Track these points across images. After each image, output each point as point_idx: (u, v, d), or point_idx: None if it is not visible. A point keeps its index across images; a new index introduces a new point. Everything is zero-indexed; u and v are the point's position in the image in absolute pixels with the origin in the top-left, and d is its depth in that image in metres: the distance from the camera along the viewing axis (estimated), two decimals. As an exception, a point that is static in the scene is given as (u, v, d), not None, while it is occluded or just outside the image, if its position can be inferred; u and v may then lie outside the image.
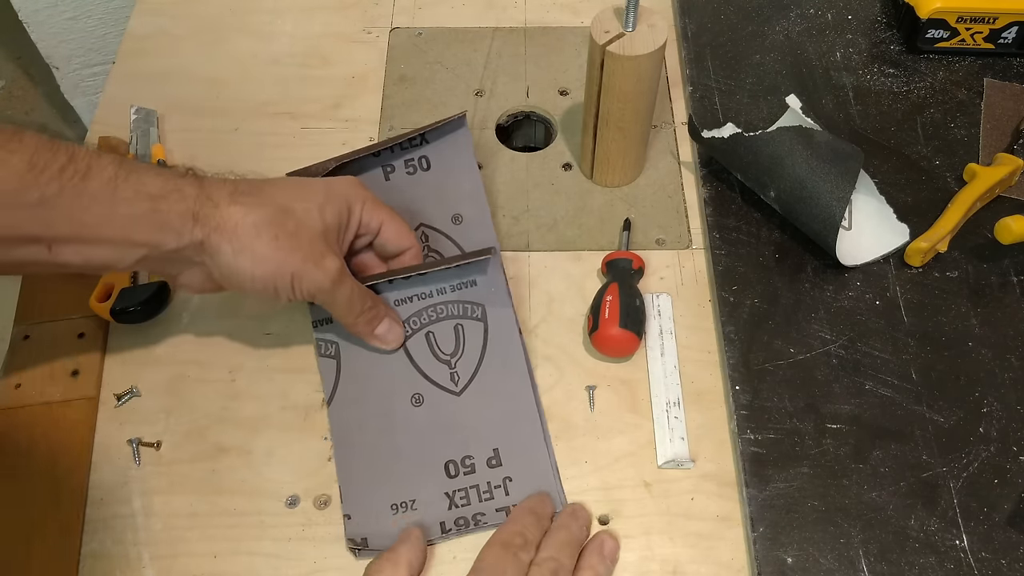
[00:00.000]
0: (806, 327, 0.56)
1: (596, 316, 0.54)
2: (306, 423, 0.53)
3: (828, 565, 0.47)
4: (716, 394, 0.54)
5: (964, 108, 0.67)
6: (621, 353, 0.55)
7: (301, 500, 0.50)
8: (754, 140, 0.58)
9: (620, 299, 0.54)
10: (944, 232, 0.58)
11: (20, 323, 0.57)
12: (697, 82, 0.69)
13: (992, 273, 0.58)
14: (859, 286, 0.57)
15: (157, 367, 0.56)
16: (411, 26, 0.75)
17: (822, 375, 0.54)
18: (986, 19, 0.68)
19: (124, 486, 0.51)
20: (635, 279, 0.57)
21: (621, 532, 0.49)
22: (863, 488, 0.49)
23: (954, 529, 0.48)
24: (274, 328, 0.57)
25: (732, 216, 0.61)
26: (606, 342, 0.54)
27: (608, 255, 0.58)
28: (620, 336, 0.53)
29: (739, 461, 0.51)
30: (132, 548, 0.49)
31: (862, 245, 0.59)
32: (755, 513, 0.49)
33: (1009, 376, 0.54)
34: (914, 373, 0.54)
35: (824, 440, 0.51)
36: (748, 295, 0.57)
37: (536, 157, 0.66)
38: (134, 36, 0.74)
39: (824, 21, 0.74)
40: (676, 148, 0.67)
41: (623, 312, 0.53)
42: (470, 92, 0.70)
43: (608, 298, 0.54)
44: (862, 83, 0.69)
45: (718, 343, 0.56)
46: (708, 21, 0.73)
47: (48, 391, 0.54)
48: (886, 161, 0.64)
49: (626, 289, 0.55)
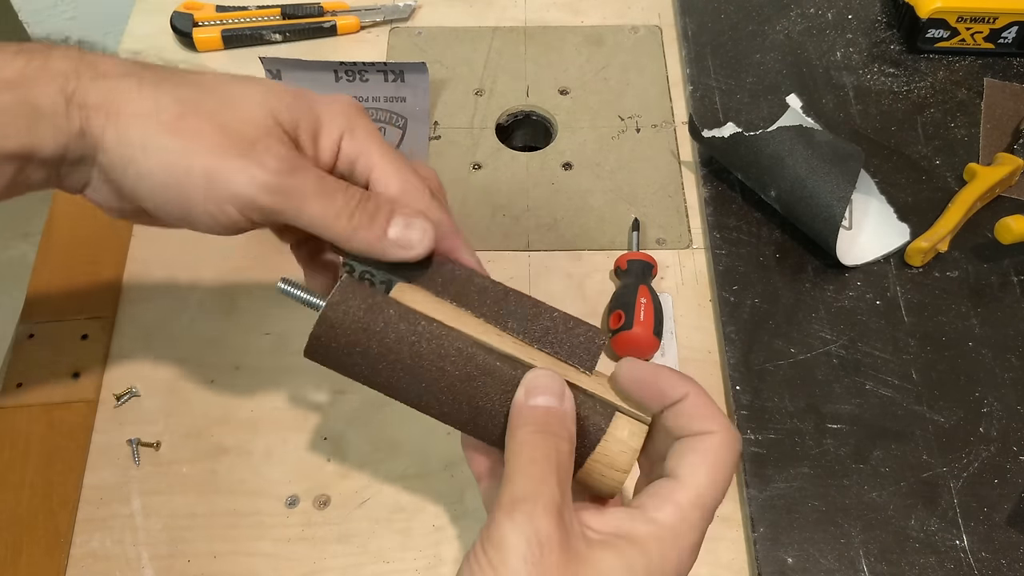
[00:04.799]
0: (806, 327, 0.56)
1: (629, 315, 0.54)
2: (306, 423, 0.53)
3: (828, 565, 0.47)
4: (716, 394, 0.54)
5: (964, 108, 0.67)
6: (639, 356, 0.55)
7: (301, 500, 0.50)
8: (754, 140, 0.58)
9: (653, 303, 0.54)
10: (944, 232, 0.58)
11: (25, 321, 0.57)
12: (697, 82, 0.69)
13: (992, 273, 0.58)
14: (859, 286, 0.57)
15: (157, 367, 0.56)
16: (411, 25, 0.75)
17: (822, 375, 0.54)
18: (986, 19, 0.68)
19: (123, 486, 0.51)
20: (652, 281, 0.58)
21: (621, 532, 0.49)
22: (863, 488, 0.49)
23: (954, 529, 0.48)
24: (274, 328, 0.57)
25: (732, 216, 0.61)
26: (635, 344, 0.54)
27: (626, 255, 0.58)
28: (651, 342, 0.53)
29: (739, 461, 0.51)
30: (131, 548, 0.49)
31: (862, 245, 0.59)
32: (756, 513, 0.49)
33: (1009, 376, 0.54)
34: (914, 373, 0.54)
35: (824, 440, 0.51)
36: (748, 295, 0.57)
37: (536, 157, 0.66)
38: (134, 36, 0.74)
39: (824, 21, 0.74)
40: (676, 148, 0.67)
41: (656, 318, 0.54)
42: (470, 92, 0.70)
43: (643, 300, 0.54)
44: (862, 83, 0.69)
45: (718, 343, 0.56)
46: (708, 21, 0.73)
47: (48, 392, 0.54)
48: (886, 161, 0.64)
49: (653, 293, 0.55)
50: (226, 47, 0.73)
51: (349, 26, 0.74)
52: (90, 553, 0.48)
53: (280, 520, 0.50)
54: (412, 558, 0.49)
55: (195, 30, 0.72)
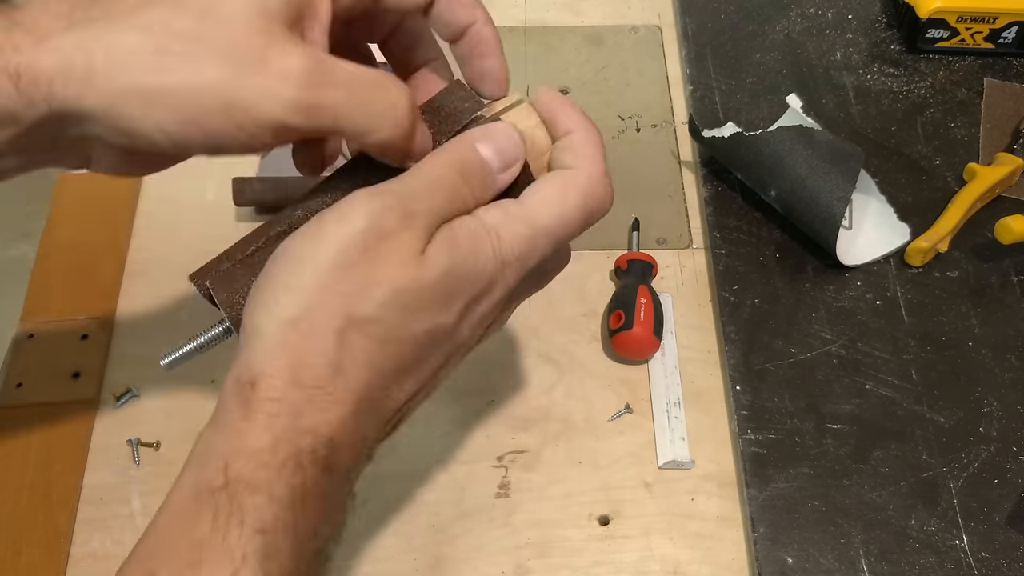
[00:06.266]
0: (806, 327, 0.56)
1: (629, 315, 0.54)
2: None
3: (828, 565, 0.47)
4: (716, 394, 0.54)
5: (964, 108, 0.67)
6: (640, 356, 0.55)
7: (301, 500, 0.50)
8: (755, 139, 0.58)
9: (653, 303, 0.54)
10: (944, 232, 0.58)
11: (26, 320, 0.57)
12: (697, 81, 0.69)
13: (992, 273, 0.58)
14: (859, 286, 0.57)
15: (157, 367, 0.55)
16: (411, 26, 0.75)
17: (823, 375, 0.54)
18: (986, 19, 0.68)
19: (123, 486, 0.51)
20: (652, 281, 0.57)
21: (621, 533, 0.49)
22: (863, 488, 0.49)
23: (954, 529, 0.48)
24: (274, 328, 0.57)
25: (732, 216, 0.61)
26: (635, 344, 0.54)
27: (626, 254, 0.58)
28: (651, 342, 0.53)
29: (739, 461, 0.51)
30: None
31: (862, 245, 0.59)
32: (756, 513, 0.49)
33: (1009, 376, 0.54)
34: (914, 373, 0.54)
35: (824, 440, 0.51)
36: (749, 295, 0.57)
37: (536, 157, 0.66)
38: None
39: (824, 20, 0.74)
40: (676, 148, 0.67)
41: (656, 318, 0.54)
42: (470, 92, 0.70)
43: (643, 301, 0.54)
44: (862, 83, 0.69)
45: (718, 343, 0.56)
46: (708, 20, 0.73)
47: (48, 392, 0.54)
48: (886, 161, 0.64)
49: (653, 293, 0.55)
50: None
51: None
52: (90, 553, 0.48)
53: (280, 520, 0.50)
54: (412, 559, 0.49)
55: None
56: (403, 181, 0.31)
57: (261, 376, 0.29)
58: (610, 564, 0.48)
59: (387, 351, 0.30)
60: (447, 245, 0.31)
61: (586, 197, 0.34)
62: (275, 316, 0.29)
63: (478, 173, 0.33)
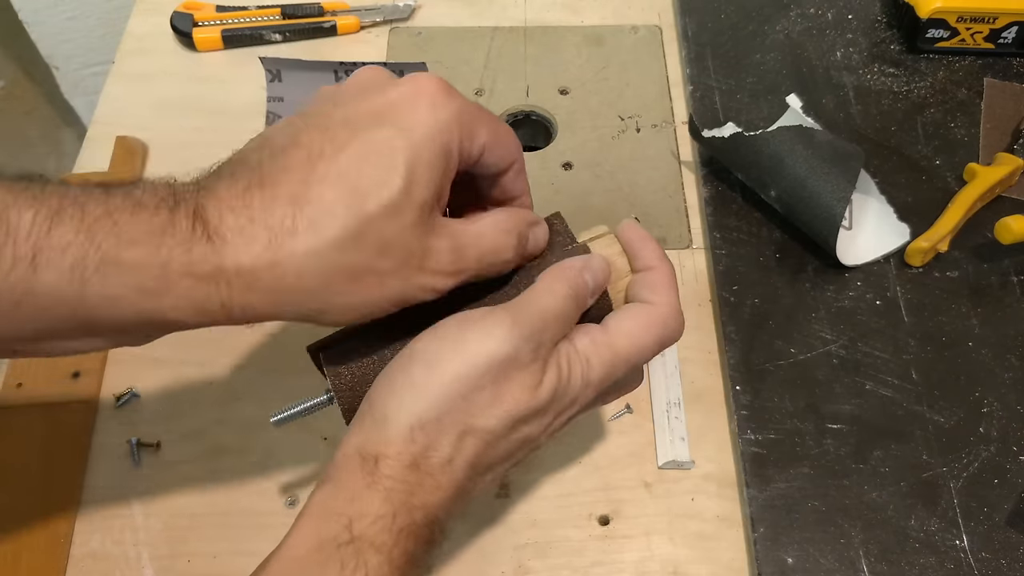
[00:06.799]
0: (806, 327, 0.56)
1: None
2: (306, 423, 0.53)
3: (828, 565, 0.47)
4: (716, 394, 0.54)
5: (964, 108, 0.67)
6: None
7: (301, 500, 0.50)
8: (755, 140, 0.58)
9: None
10: (944, 232, 0.58)
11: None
12: (697, 81, 0.69)
13: (992, 273, 0.58)
14: (859, 286, 0.57)
15: (157, 367, 0.56)
16: (411, 25, 0.75)
17: (823, 375, 0.54)
18: (986, 19, 0.68)
19: (123, 486, 0.51)
20: None
21: (621, 533, 0.49)
22: (863, 488, 0.49)
23: (954, 529, 0.48)
24: (274, 328, 0.57)
25: (732, 216, 0.61)
26: None
27: None
28: None
29: (739, 461, 0.51)
30: (131, 548, 0.49)
31: (862, 245, 0.59)
32: (755, 513, 0.49)
33: (1009, 376, 0.54)
34: (914, 373, 0.54)
35: (825, 440, 0.51)
36: (748, 295, 0.57)
37: (536, 157, 0.66)
38: (134, 36, 0.74)
39: (824, 21, 0.74)
40: (676, 148, 0.67)
41: None
42: (470, 91, 0.70)
43: None
44: (862, 83, 0.69)
45: (718, 343, 0.56)
46: (708, 20, 0.73)
47: (48, 392, 0.54)
48: (886, 161, 0.64)
49: None
50: (226, 47, 0.73)
51: (349, 26, 0.74)
52: (90, 553, 0.48)
53: (280, 520, 0.50)
54: (412, 558, 0.49)
55: (195, 30, 0.72)
56: (534, 305, 0.35)
57: (383, 456, 0.34)
58: (610, 564, 0.48)
59: (489, 452, 0.35)
60: (556, 373, 0.35)
61: (663, 329, 0.38)
62: (405, 409, 0.34)
63: (584, 302, 0.37)
